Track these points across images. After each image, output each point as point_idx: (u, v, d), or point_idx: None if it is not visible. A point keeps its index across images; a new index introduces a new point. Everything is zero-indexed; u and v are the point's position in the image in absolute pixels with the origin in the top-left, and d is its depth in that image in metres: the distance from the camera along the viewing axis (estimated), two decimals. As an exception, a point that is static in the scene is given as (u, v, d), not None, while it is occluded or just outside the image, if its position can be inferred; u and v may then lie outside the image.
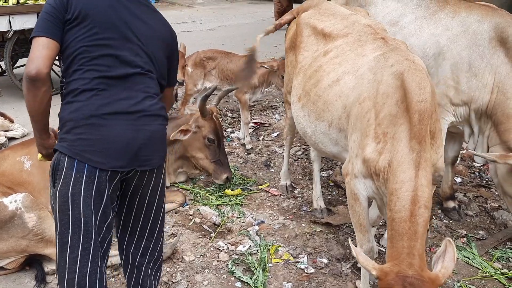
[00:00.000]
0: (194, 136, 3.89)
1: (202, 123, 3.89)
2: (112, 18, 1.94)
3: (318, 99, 2.71)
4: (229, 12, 16.36)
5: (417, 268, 1.96)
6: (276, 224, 3.58)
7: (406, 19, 3.31)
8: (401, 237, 2.06)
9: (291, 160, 4.67)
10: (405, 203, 2.09)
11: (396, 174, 2.16)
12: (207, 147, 3.93)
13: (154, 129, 2.01)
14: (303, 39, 3.05)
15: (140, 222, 2.18)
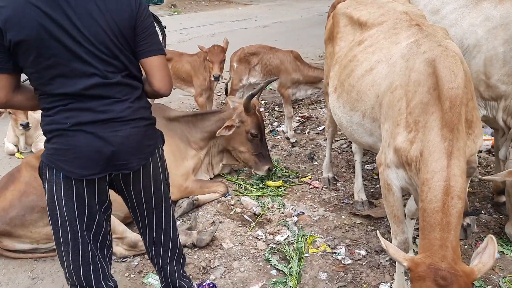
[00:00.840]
0: (237, 130, 3.97)
1: (245, 118, 3.98)
2: (47, 37, 1.77)
3: (352, 89, 2.70)
4: (285, 8, 16.39)
5: (450, 261, 1.90)
6: (315, 216, 3.59)
7: (448, 7, 3.16)
8: (433, 228, 2.00)
9: (335, 153, 4.65)
10: (437, 194, 2.02)
11: (427, 164, 2.10)
12: (249, 141, 4.02)
13: (126, 134, 1.93)
14: (339, 29, 3.04)
15: (146, 217, 2.24)
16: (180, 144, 3.82)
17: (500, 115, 2.99)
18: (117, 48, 1.90)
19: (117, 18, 1.87)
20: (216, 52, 4.70)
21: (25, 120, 4.38)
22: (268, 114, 5.86)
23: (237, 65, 5.04)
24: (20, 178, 3.12)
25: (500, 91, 2.88)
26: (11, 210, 2.99)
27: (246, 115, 3.97)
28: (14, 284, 2.87)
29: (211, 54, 4.68)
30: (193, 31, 11.60)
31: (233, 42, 10.37)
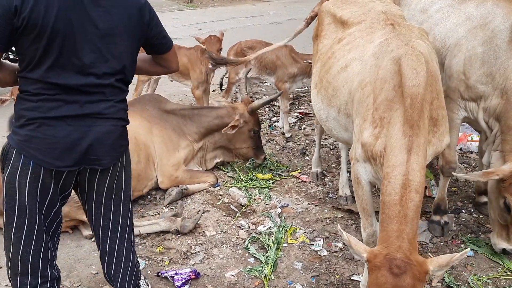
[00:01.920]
0: (239, 130, 4.11)
1: (248, 119, 4.13)
2: (64, 26, 1.80)
3: (329, 85, 2.79)
4: (300, 5, 16.40)
5: (405, 251, 1.96)
6: (299, 208, 3.69)
7: (435, 6, 3.20)
8: (391, 220, 2.06)
9: (327, 149, 4.74)
10: (396, 187, 2.09)
11: (388, 158, 2.17)
12: (251, 138, 4.16)
13: (105, 130, 1.98)
14: (324, 27, 3.12)
15: (101, 222, 2.20)
16: (173, 135, 3.94)
17: (481, 116, 3.03)
18: (125, 51, 1.97)
19: (132, 23, 1.96)
20: (213, 41, 4.81)
21: None
22: (268, 109, 5.96)
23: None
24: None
25: (479, 91, 2.92)
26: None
27: (250, 115, 4.10)
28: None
29: (208, 44, 4.79)
30: (206, 26, 11.74)
31: (244, 38, 10.44)
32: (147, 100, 4.13)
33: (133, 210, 3.62)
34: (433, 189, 3.85)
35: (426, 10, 3.27)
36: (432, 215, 3.40)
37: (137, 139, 3.72)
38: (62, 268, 2.96)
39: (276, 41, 5.74)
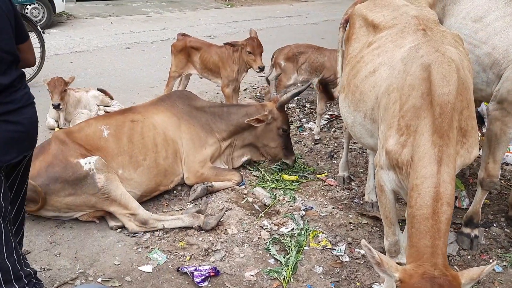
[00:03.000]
0: (268, 127, 4.10)
1: (277, 115, 4.10)
2: None
3: (356, 89, 2.74)
4: (338, 7, 16.20)
5: (442, 268, 1.88)
6: (323, 212, 3.65)
7: (493, 15, 3.02)
8: (423, 235, 1.98)
9: (356, 153, 4.67)
10: (427, 200, 2.01)
11: (417, 169, 2.10)
12: (280, 136, 4.14)
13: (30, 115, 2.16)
14: (355, 30, 3.07)
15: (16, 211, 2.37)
16: (201, 132, 3.97)
17: None
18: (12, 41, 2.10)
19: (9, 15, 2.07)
20: (257, 44, 4.83)
21: (57, 101, 4.69)
22: (299, 110, 5.92)
23: (284, 63, 5.08)
24: (49, 150, 3.40)
25: None
26: (37, 179, 3.27)
27: (278, 112, 4.08)
28: (34, 246, 3.16)
29: (251, 47, 4.79)
30: (242, 25, 11.76)
31: (279, 38, 10.46)
32: (178, 96, 4.18)
33: (159, 204, 3.72)
34: (463, 200, 3.73)
35: (481, 18, 3.11)
36: (462, 227, 3.29)
37: (165, 135, 3.78)
38: (87, 257, 3.07)
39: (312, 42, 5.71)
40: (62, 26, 10.72)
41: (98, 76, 7.06)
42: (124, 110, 4.07)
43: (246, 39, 4.93)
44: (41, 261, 3.01)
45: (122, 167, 3.53)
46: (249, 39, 4.90)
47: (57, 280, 2.84)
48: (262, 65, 4.83)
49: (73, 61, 7.84)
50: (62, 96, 4.76)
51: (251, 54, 4.80)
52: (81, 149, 3.43)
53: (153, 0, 14.88)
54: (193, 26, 11.31)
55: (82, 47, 8.83)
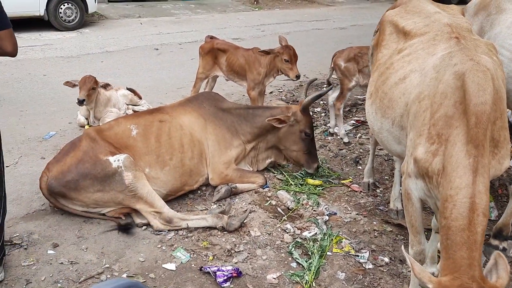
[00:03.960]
0: (290, 129, 4.10)
1: (300, 118, 4.09)
2: None
3: (385, 96, 2.72)
4: (366, 11, 16.09)
5: (479, 281, 1.86)
6: (347, 218, 3.64)
7: None
8: (460, 247, 1.94)
9: (382, 160, 4.62)
10: (463, 211, 1.98)
11: (451, 180, 2.06)
12: (302, 140, 4.12)
13: None
14: (385, 36, 3.05)
15: None
16: (226, 134, 4.01)
17: None
18: None
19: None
20: (293, 53, 4.85)
21: (82, 96, 4.76)
22: (324, 115, 5.90)
23: (344, 65, 5.00)
24: (80, 147, 3.49)
25: None
26: (68, 174, 3.36)
27: (302, 115, 4.08)
28: (63, 239, 3.24)
29: (288, 55, 4.80)
30: (269, 28, 11.80)
31: (306, 42, 10.46)
32: (205, 97, 4.23)
33: (183, 203, 3.77)
34: (492, 211, 3.65)
35: None
36: (491, 238, 3.23)
37: (192, 135, 3.83)
38: (112, 253, 3.13)
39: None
40: (93, 26, 10.96)
41: (127, 76, 7.19)
42: (153, 110, 4.14)
43: (281, 47, 4.90)
44: (68, 254, 3.09)
45: (149, 166, 3.59)
46: (285, 47, 4.89)
47: (83, 274, 2.91)
48: (298, 73, 4.86)
49: (103, 61, 8.01)
50: (89, 93, 4.83)
51: (288, 62, 4.81)
52: (110, 147, 3.51)
53: (182, 2, 15.07)
54: (220, 28, 11.40)
55: (113, 47, 9.01)
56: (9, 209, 3.55)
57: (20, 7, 9.53)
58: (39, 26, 10.09)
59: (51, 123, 5.23)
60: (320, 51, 9.40)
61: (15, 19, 9.62)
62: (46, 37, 9.54)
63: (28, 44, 8.87)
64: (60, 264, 2.99)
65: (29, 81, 6.73)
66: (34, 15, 9.81)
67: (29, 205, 3.63)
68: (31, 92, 6.26)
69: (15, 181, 3.96)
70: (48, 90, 6.34)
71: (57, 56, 8.16)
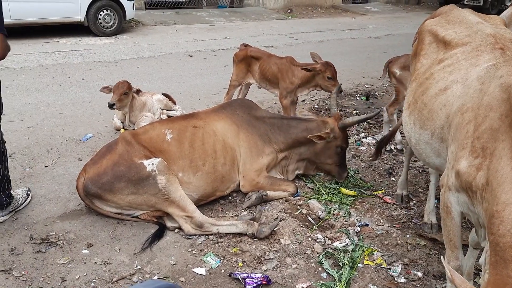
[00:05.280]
0: (327, 144, 4.09)
1: (338, 134, 4.09)
2: None
3: (424, 107, 2.67)
4: (402, 21, 15.89)
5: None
6: (379, 230, 3.57)
7: None
8: (507, 264, 1.89)
9: (416, 172, 4.53)
10: (511, 227, 1.91)
11: (497, 195, 2.00)
12: (337, 154, 4.12)
13: None
14: (424, 46, 3.00)
15: None
16: (259, 142, 4.02)
17: None
18: None
19: None
20: (334, 69, 4.88)
21: (113, 101, 4.86)
22: (357, 125, 5.83)
23: (400, 72, 4.92)
24: (116, 150, 3.57)
25: None
26: (104, 176, 3.44)
27: (340, 131, 4.07)
28: (96, 239, 3.31)
29: (331, 73, 4.83)
30: (302, 36, 11.81)
31: (340, 51, 10.41)
32: (239, 104, 4.25)
33: (214, 209, 3.79)
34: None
35: None
36: None
37: (225, 142, 3.86)
38: (144, 254, 3.17)
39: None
40: (130, 32, 11.25)
41: (162, 81, 7.33)
42: (187, 115, 4.20)
43: (322, 64, 4.89)
44: (102, 254, 3.15)
45: (182, 170, 3.64)
46: (326, 64, 4.89)
47: (116, 274, 2.96)
48: (342, 89, 4.88)
49: (139, 66, 8.20)
50: (120, 98, 4.93)
51: (331, 79, 4.82)
52: (145, 150, 3.57)
53: (217, 10, 15.28)
54: (254, 36, 11.49)
55: (148, 53, 9.21)
56: (47, 208, 3.68)
57: (62, 13, 9.90)
58: (79, 32, 10.43)
59: (88, 126, 5.38)
60: (354, 60, 9.34)
61: (56, 24, 10.02)
62: (85, 42, 9.85)
63: (68, 48, 9.18)
64: (94, 263, 3.05)
65: (69, 84, 6.95)
66: (74, 20, 10.16)
67: (66, 205, 3.73)
68: (70, 95, 6.46)
69: (53, 181, 4.09)
70: (86, 93, 6.54)
71: (95, 61, 8.40)
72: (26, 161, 4.46)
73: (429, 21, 3.09)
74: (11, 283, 2.83)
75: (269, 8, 16.29)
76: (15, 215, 3.55)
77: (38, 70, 7.61)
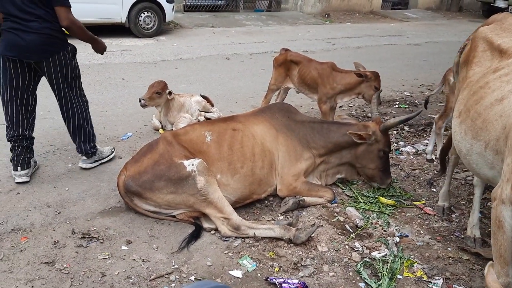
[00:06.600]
0: (369, 148, 4.04)
1: (380, 137, 4.03)
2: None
3: (478, 116, 2.58)
4: (442, 28, 15.52)
5: None
6: (419, 241, 3.47)
7: None
8: None
9: (458, 184, 4.39)
10: None
11: None
12: (379, 158, 4.06)
13: (31, 38, 3.63)
14: (477, 54, 2.90)
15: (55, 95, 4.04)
16: (297, 146, 3.99)
17: None
18: None
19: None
20: (380, 79, 4.83)
21: (143, 97, 5.01)
22: (396, 133, 5.72)
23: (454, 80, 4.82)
24: (157, 149, 3.62)
25: None
26: (144, 175, 3.49)
27: (382, 134, 4.01)
28: (135, 237, 3.36)
29: (378, 84, 4.81)
30: (339, 42, 11.70)
31: (378, 57, 10.25)
32: (278, 108, 4.24)
33: (250, 212, 3.78)
34: None
35: None
36: None
37: (263, 145, 3.85)
38: (181, 254, 3.19)
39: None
40: (169, 34, 11.43)
41: (199, 83, 7.40)
42: (226, 118, 4.21)
43: (372, 72, 4.86)
44: (140, 252, 3.19)
45: (221, 172, 3.65)
46: (376, 74, 4.85)
47: (154, 272, 2.99)
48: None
49: (177, 68, 8.31)
50: (151, 97, 5.01)
51: (377, 90, 4.78)
52: (185, 151, 3.61)
53: (254, 14, 15.34)
54: (291, 40, 11.47)
55: (186, 55, 9.33)
56: (88, 203, 3.76)
57: (105, 14, 10.18)
58: (120, 33, 10.68)
59: (128, 125, 5.49)
60: (392, 67, 9.17)
61: (99, 25, 10.29)
62: (126, 43, 10.08)
63: (109, 49, 9.29)
64: (133, 260, 3.09)
65: (109, 84, 7.12)
66: (116, 22, 10.41)
67: (106, 201, 3.81)
68: (111, 94, 6.61)
69: (94, 177, 4.19)
70: (127, 93, 6.67)
71: (135, 61, 8.58)
72: (69, 157, 4.59)
73: (483, 28, 2.99)
74: (53, 275, 2.90)
75: (306, 13, 16.23)
76: (58, 209, 3.64)
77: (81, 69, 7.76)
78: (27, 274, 2.90)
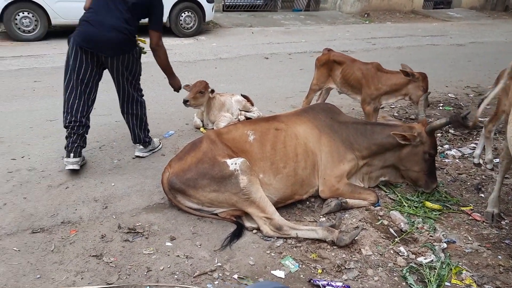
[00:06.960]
0: (414, 150, 3.94)
1: (425, 139, 3.93)
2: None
3: (535, 119, 2.47)
4: (487, 28, 15.01)
5: None
6: (467, 248, 3.36)
7: None
8: None
9: (508, 189, 4.22)
10: None
11: None
12: (425, 161, 3.96)
13: (111, 35, 3.91)
14: (534, 54, 2.77)
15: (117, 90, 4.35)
16: (340, 147, 3.94)
17: None
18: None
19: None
20: (428, 80, 4.73)
21: (187, 98, 5.09)
22: (441, 136, 5.56)
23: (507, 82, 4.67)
24: (200, 148, 3.65)
25: None
26: (188, 172, 3.54)
27: (427, 136, 3.91)
28: (178, 233, 3.41)
29: (426, 83, 4.71)
30: (380, 41, 11.51)
31: (420, 58, 10.04)
32: (321, 108, 4.20)
33: (292, 212, 3.76)
34: None
35: None
36: None
37: (306, 146, 3.82)
38: (224, 252, 3.21)
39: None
40: (209, 34, 11.55)
41: (238, 83, 7.45)
42: (269, 117, 4.21)
43: (420, 73, 4.77)
44: (184, 248, 3.23)
45: (263, 171, 3.65)
46: (425, 75, 4.75)
47: (197, 269, 3.02)
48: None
49: (217, 67, 8.39)
50: (195, 96, 5.08)
51: (425, 91, 4.68)
52: (228, 150, 3.63)
53: (292, 13, 15.30)
54: (330, 40, 11.37)
55: (226, 54, 9.40)
56: (133, 199, 3.85)
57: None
58: (161, 32, 10.86)
59: (170, 123, 5.58)
60: (435, 68, 8.94)
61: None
62: (166, 42, 10.13)
63: (151, 48, 9.58)
64: (177, 257, 3.13)
65: (152, 82, 7.26)
66: (158, 22, 10.59)
67: (150, 197, 3.88)
68: (154, 93, 6.74)
69: (139, 174, 4.28)
70: (168, 92, 6.69)
71: (175, 60, 8.71)
72: (114, 153, 4.71)
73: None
74: (102, 268, 2.98)
75: (345, 12, 16.04)
76: (104, 203, 3.74)
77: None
78: (76, 266, 2.99)
